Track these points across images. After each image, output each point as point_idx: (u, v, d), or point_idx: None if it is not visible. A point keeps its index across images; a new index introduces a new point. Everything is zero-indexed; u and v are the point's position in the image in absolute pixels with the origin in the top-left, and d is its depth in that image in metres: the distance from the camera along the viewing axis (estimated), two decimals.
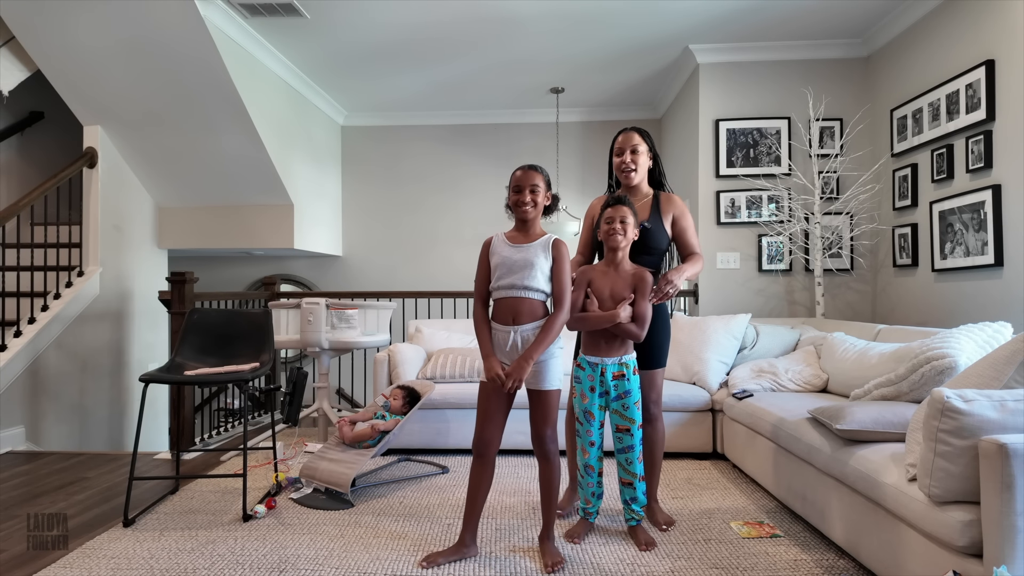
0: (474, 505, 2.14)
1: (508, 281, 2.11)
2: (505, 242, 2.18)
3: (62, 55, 4.10)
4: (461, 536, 2.15)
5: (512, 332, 2.10)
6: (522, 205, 2.14)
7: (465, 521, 2.15)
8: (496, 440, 2.13)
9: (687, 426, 3.40)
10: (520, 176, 2.16)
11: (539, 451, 2.15)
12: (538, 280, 2.10)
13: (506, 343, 2.11)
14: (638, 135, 2.50)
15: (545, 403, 2.12)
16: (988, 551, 1.51)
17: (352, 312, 3.74)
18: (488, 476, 2.14)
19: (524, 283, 2.09)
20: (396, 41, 4.58)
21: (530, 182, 2.14)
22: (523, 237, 2.17)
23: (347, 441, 2.93)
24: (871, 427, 2.10)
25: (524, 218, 2.16)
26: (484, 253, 2.21)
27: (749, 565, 2.08)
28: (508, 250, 2.14)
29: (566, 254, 2.16)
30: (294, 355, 6.35)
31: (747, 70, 4.67)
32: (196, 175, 4.98)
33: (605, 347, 2.27)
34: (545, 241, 2.15)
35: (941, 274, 3.72)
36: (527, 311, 2.10)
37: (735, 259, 4.66)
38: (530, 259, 2.10)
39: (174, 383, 2.86)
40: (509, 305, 2.11)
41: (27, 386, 3.94)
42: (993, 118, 3.29)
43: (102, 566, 2.09)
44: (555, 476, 2.15)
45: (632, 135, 2.49)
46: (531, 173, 2.16)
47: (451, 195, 6.40)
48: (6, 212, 3.94)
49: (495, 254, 2.17)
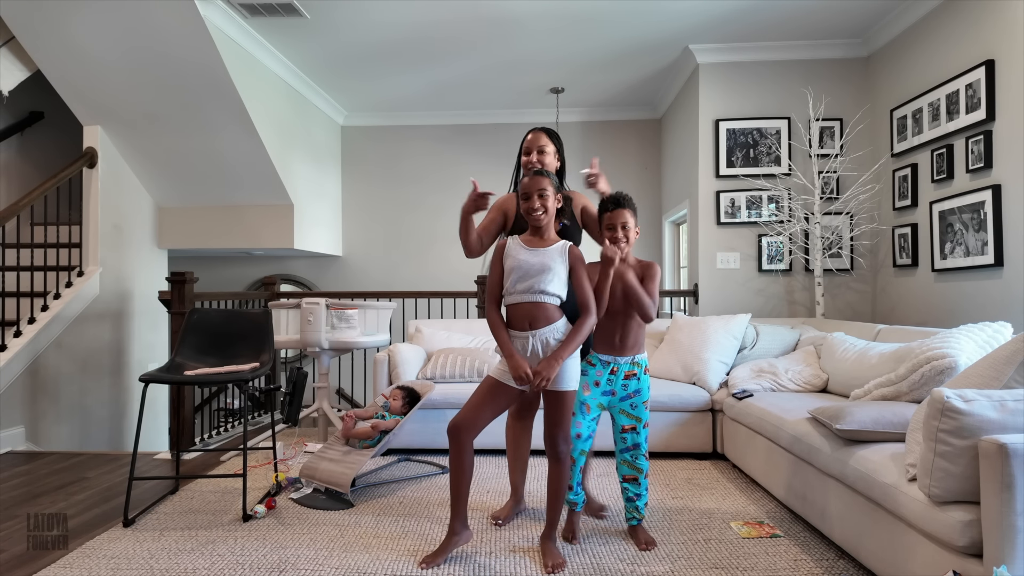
0: (458, 493, 2.11)
1: (526, 285, 2.09)
2: (521, 245, 2.16)
3: (62, 55, 4.10)
4: (450, 526, 2.13)
5: (531, 337, 2.08)
6: (533, 211, 2.13)
7: (452, 510, 2.13)
8: (475, 430, 2.08)
9: (687, 426, 3.40)
10: (527, 183, 2.15)
11: (552, 451, 2.13)
12: (555, 284, 2.09)
13: (525, 349, 2.09)
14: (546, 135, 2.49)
15: (561, 404, 2.10)
16: (988, 551, 1.51)
17: (352, 312, 3.74)
18: (467, 462, 2.09)
19: (542, 287, 2.08)
20: (396, 41, 4.58)
21: (537, 187, 2.12)
22: (539, 241, 2.16)
23: (346, 435, 2.93)
24: (871, 427, 2.10)
25: (537, 224, 2.15)
26: (498, 256, 2.19)
27: (749, 565, 2.08)
28: (525, 253, 2.12)
29: (583, 260, 2.16)
30: (294, 355, 6.35)
31: (747, 70, 4.67)
32: (196, 175, 4.98)
33: (619, 345, 2.25)
34: (561, 247, 2.15)
35: (941, 274, 3.72)
36: (543, 315, 2.09)
37: (735, 259, 4.66)
38: (547, 263, 2.09)
39: (174, 383, 2.86)
40: (526, 310, 2.09)
41: (27, 386, 3.94)
42: (993, 118, 3.29)
43: (102, 566, 2.09)
44: (565, 477, 2.15)
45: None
46: (537, 179, 2.14)
47: (451, 195, 6.39)
48: (6, 212, 3.94)
49: (510, 257, 2.14)
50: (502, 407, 2.15)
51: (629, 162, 6.28)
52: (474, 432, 2.09)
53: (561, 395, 2.10)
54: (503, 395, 2.11)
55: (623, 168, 6.28)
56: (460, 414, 2.10)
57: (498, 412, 2.15)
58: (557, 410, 2.11)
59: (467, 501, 2.14)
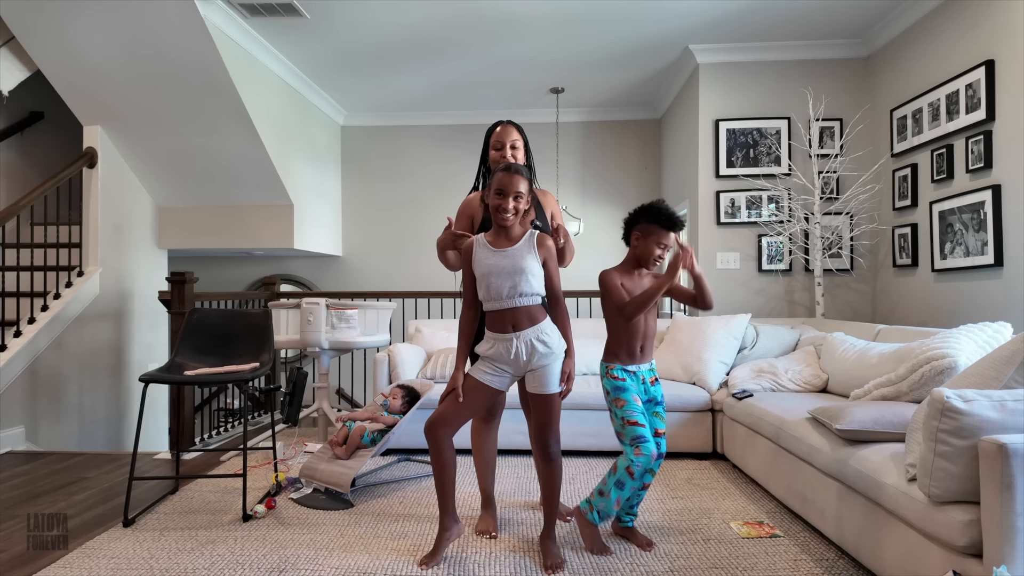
0: (443, 489, 2.08)
1: (498, 291, 2.02)
2: (487, 248, 2.06)
3: (62, 55, 4.10)
4: (440, 523, 2.11)
5: (515, 339, 2.03)
6: (503, 212, 2.02)
7: (440, 507, 2.10)
8: (452, 427, 2.05)
9: (687, 426, 3.40)
10: (504, 180, 2.02)
11: (543, 453, 2.11)
12: (531, 284, 2.02)
13: (509, 351, 2.04)
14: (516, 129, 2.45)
15: (549, 406, 2.08)
16: (988, 551, 1.51)
17: (352, 312, 3.74)
18: (448, 458, 2.05)
19: (519, 290, 2.01)
20: (396, 41, 4.58)
21: (515, 188, 2.01)
22: (505, 241, 2.06)
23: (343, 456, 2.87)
24: (871, 427, 2.10)
25: (503, 224, 2.05)
26: (466, 259, 2.11)
27: (749, 565, 2.08)
28: (492, 257, 2.04)
29: (552, 246, 2.10)
30: (294, 355, 6.35)
31: (747, 70, 4.67)
32: (196, 175, 4.98)
33: (641, 355, 2.23)
34: (528, 239, 2.06)
35: (941, 274, 3.72)
36: (525, 317, 2.04)
37: (735, 259, 4.66)
38: (518, 264, 2.01)
39: (174, 383, 2.86)
40: (505, 316, 2.04)
41: (27, 386, 3.94)
42: (993, 118, 3.29)
43: (102, 566, 2.09)
44: (558, 477, 2.13)
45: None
46: (516, 178, 2.02)
47: (451, 195, 6.38)
48: (6, 212, 3.94)
49: (478, 263, 2.06)
50: (480, 407, 2.12)
51: (629, 162, 6.28)
52: (451, 429, 2.05)
53: (549, 397, 2.07)
54: (482, 394, 2.08)
55: (623, 168, 6.28)
56: (436, 412, 2.06)
57: (476, 412, 2.13)
58: (546, 412, 2.08)
59: (454, 496, 2.12)
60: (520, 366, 2.06)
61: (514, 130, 2.45)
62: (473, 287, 2.11)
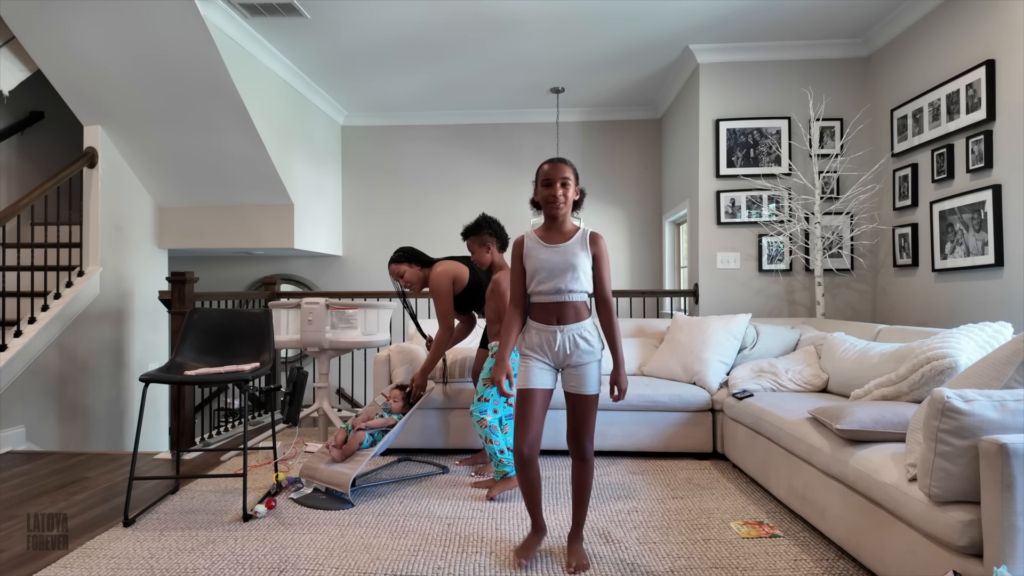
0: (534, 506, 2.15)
1: (550, 286, 2.05)
2: (539, 243, 2.09)
3: (62, 55, 4.10)
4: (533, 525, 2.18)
5: (559, 332, 2.06)
6: (553, 201, 2.05)
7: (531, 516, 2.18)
8: (538, 445, 2.11)
9: (687, 426, 3.40)
10: (549, 170, 2.06)
11: (578, 453, 2.11)
12: (581, 282, 2.05)
13: (553, 343, 2.06)
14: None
15: (586, 407, 2.09)
16: (988, 551, 1.51)
17: (352, 312, 3.74)
18: (537, 475, 2.12)
19: (568, 287, 2.04)
20: (396, 41, 4.58)
21: (561, 175, 2.04)
22: (557, 235, 2.09)
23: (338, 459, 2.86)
24: (871, 427, 2.10)
25: (555, 215, 2.07)
26: (517, 255, 2.13)
27: (749, 565, 2.08)
28: (545, 252, 2.06)
29: (606, 247, 2.12)
30: (294, 355, 6.35)
31: (747, 70, 4.67)
32: (196, 175, 4.98)
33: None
34: (581, 237, 2.08)
35: (941, 274, 3.72)
36: (571, 313, 2.06)
37: (735, 259, 4.66)
38: (570, 261, 2.04)
39: (174, 383, 2.86)
40: (551, 309, 2.07)
41: (27, 386, 3.94)
42: (993, 118, 3.28)
43: (102, 566, 2.09)
44: (590, 477, 2.13)
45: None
46: (561, 166, 2.05)
47: (451, 195, 6.39)
48: (6, 212, 3.94)
49: (531, 257, 2.09)
50: (545, 409, 2.13)
51: (629, 162, 6.28)
52: (538, 447, 2.11)
53: (587, 398, 2.09)
54: (540, 399, 2.09)
55: (623, 168, 6.28)
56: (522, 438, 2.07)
57: (544, 415, 2.15)
58: (584, 412, 2.09)
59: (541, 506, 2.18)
60: (560, 359, 2.08)
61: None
62: (522, 283, 2.13)
